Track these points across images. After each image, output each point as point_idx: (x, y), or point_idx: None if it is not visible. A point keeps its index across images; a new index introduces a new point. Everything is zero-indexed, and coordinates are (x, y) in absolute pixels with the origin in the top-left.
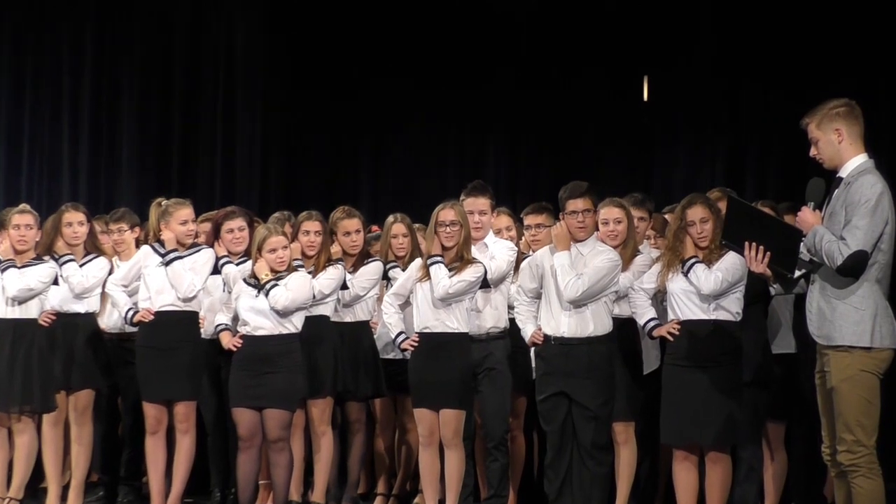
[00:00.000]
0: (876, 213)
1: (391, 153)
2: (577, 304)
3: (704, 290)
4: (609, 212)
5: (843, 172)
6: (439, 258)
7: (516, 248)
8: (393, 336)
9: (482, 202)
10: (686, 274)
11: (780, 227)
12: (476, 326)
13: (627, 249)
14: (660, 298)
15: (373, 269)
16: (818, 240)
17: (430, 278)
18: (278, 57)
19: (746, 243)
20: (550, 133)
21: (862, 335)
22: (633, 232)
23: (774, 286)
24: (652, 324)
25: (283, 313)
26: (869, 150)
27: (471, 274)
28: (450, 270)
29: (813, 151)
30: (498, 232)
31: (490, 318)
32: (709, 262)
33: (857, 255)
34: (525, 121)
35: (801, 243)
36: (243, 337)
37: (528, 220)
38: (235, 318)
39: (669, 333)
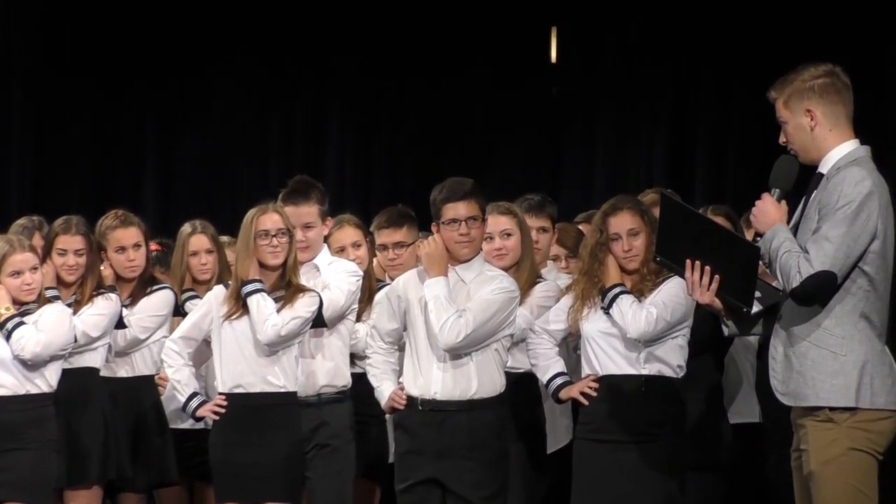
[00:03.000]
0: (857, 220)
1: (186, 136)
2: (458, 352)
3: (632, 332)
4: (494, 221)
5: (824, 166)
6: (260, 284)
7: (361, 273)
8: (183, 398)
9: (306, 211)
10: (607, 310)
11: (733, 240)
12: (303, 384)
13: (522, 274)
14: (571, 345)
15: (160, 300)
16: (775, 246)
17: (242, 314)
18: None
19: (688, 262)
20: (422, 107)
21: (844, 391)
22: (529, 249)
23: (728, 324)
24: (559, 381)
25: (33, 364)
26: (865, 137)
27: (305, 307)
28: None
29: (782, 137)
30: (341, 250)
31: (323, 372)
32: (640, 292)
33: (821, 277)
34: (380, 91)
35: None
36: None
37: (383, 236)
38: None
39: (584, 395)
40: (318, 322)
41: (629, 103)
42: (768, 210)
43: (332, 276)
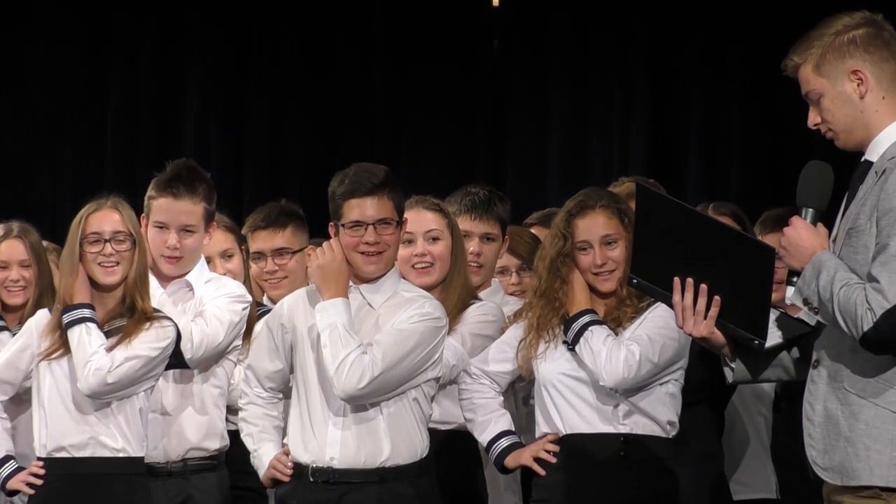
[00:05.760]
0: None
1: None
2: (361, 402)
3: (607, 378)
4: (418, 218)
5: (873, 153)
6: (88, 311)
7: (249, 298)
8: None
9: (187, 209)
10: (572, 346)
11: (741, 242)
12: (163, 447)
13: (451, 296)
14: (522, 392)
15: None
16: (826, 281)
17: (67, 352)
18: None
19: (676, 280)
20: (312, 71)
21: None
22: (461, 263)
23: (733, 366)
24: (505, 443)
25: None
26: None
27: (149, 344)
28: (110, 334)
29: (814, 117)
30: (208, 261)
31: (192, 429)
32: (617, 322)
33: None
34: (252, 50)
35: (789, 285)
36: None
37: (258, 240)
38: None
39: (539, 461)
40: (177, 362)
41: (596, 64)
42: (802, 238)
43: (209, 300)
